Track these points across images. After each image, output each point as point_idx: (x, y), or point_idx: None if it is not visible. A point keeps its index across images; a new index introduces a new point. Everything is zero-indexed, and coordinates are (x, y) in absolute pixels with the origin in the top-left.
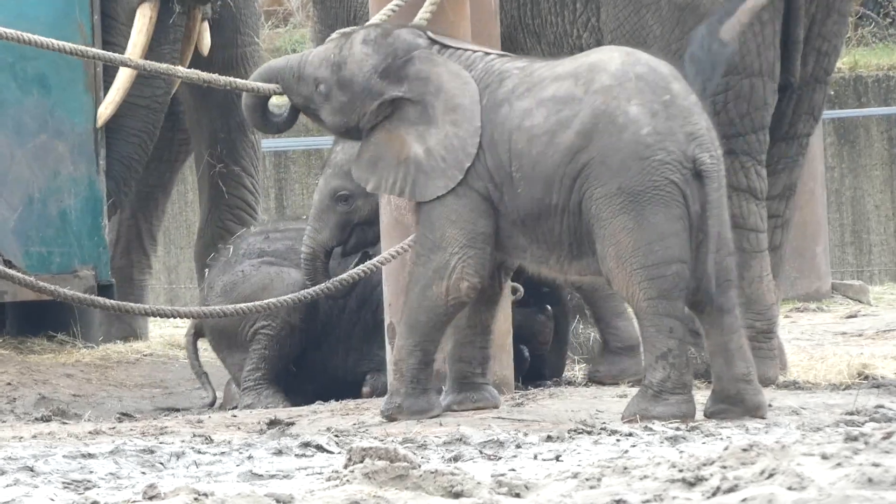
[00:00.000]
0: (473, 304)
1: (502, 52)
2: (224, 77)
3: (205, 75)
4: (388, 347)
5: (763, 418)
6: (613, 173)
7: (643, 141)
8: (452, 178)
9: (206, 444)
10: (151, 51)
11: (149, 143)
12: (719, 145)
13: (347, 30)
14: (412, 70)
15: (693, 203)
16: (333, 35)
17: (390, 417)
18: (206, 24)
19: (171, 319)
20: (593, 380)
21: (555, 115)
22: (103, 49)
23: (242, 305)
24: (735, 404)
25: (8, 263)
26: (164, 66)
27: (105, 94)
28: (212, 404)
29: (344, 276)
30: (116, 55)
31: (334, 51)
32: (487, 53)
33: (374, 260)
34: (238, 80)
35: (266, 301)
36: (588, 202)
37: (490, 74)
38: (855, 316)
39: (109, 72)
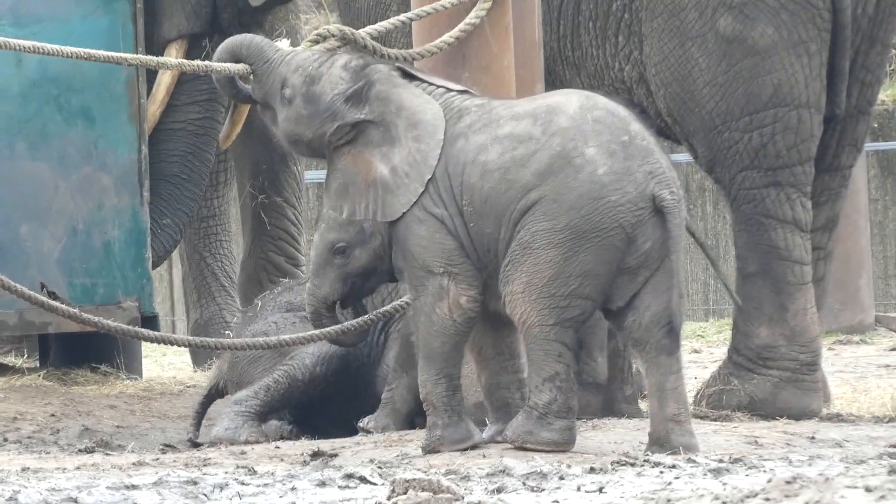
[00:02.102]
0: (495, 330)
1: (464, 89)
2: (196, 61)
3: (173, 61)
4: None
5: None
6: (564, 211)
7: (599, 181)
8: (414, 191)
9: (250, 475)
10: (179, 86)
11: (197, 164)
12: (679, 185)
13: (334, 48)
14: (373, 92)
15: (644, 242)
16: (319, 47)
17: (432, 451)
18: None
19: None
20: None
21: (510, 153)
22: (147, 84)
23: (286, 337)
24: (662, 444)
25: (52, 295)
26: (154, 59)
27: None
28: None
29: (386, 307)
30: (117, 54)
31: (314, 64)
32: (449, 90)
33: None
34: (210, 63)
35: (311, 332)
36: (524, 233)
37: (449, 110)
38: None
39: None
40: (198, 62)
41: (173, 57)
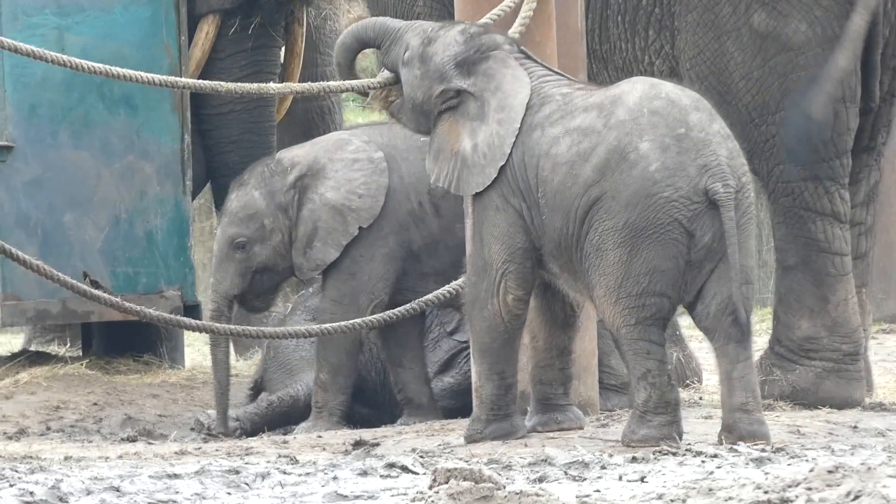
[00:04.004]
0: (549, 327)
1: (562, 74)
2: (317, 84)
3: (296, 86)
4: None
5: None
6: (622, 208)
7: (651, 177)
8: (488, 175)
9: (292, 464)
10: (213, 64)
11: (256, 139)
12: (746, 172)
13: (459, 21)
14: (483, 67)
15: (703, 235)
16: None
17: (473, 442)
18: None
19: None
20: None
21: (576, 147)
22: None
23: (327, 326)
24: (730, 432)
25: (95, 284)
26: (254, 85)
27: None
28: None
29: (429, 296)
30: (207, 82)
31: (434, 27)
32: (548, 74)
33: (461, 280)
34: (330, 83)
35: (348, 322)
36: (593, 233)
37: (537, 95)
38: None
39: (195, 94)
40: (318, 84)
41: (203, 32)
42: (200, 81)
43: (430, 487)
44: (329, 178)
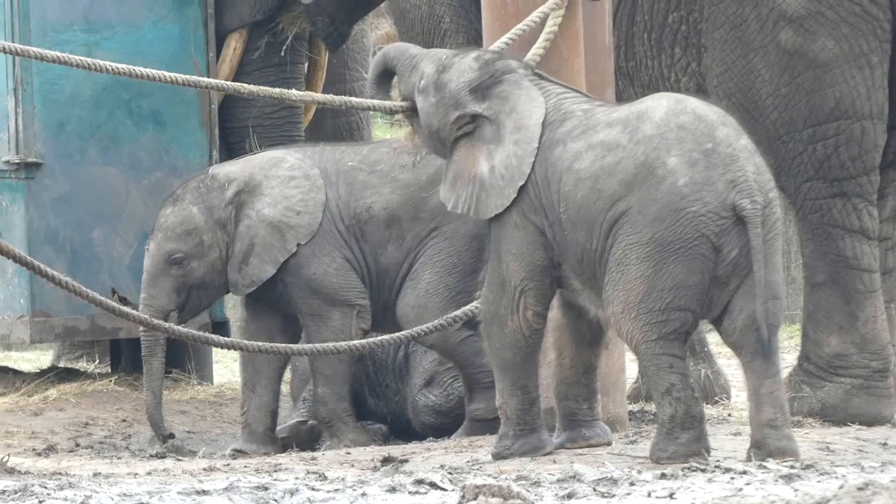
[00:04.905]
0: (577, 344)
1: (580, 92)
2: (339, 97)
3: (318, 96)
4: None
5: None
6: (649, 223)
7: (679, 192)
8: (507, 196)
9: (320, 481)
10: (240, 79)
11: None
12: (773, 187)
13: (474, 48)
14: (497, 90)
15: (730, 251)
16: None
17: (501, 458)
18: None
19: None
20: None
21: (600, 161)
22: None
23: (354, 343)
24: (759, 448)
25: (123, 300)
26: (276, 90)
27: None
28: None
29: (457, 312)
30: (230, 83)
31: (448, 55)
32: (566, 91)
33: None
34: (352, 99)
35: (374, 339)
36: (616, 248)
37: (556, 112)
38: None
39: (223, 109)
40: (340, 97)
41: (230, 48)
42: (223, 82)
43: None
44: (266, 194)
